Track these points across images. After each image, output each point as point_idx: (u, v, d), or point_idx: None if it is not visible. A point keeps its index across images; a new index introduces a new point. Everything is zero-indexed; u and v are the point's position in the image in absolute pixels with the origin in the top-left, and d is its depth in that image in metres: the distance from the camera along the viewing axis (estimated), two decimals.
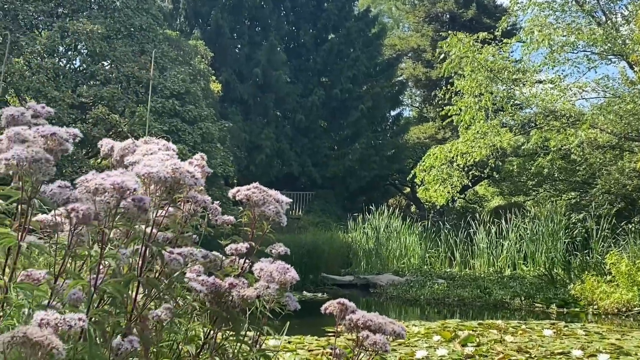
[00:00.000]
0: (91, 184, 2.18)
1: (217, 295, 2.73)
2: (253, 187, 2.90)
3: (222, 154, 22.99)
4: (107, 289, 2.30)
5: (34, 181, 2.19)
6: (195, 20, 34.88)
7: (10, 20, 22.44)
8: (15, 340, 1.77)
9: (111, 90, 21.55)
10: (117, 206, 2.21)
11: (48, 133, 2.23)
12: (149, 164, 2.39)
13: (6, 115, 2.42)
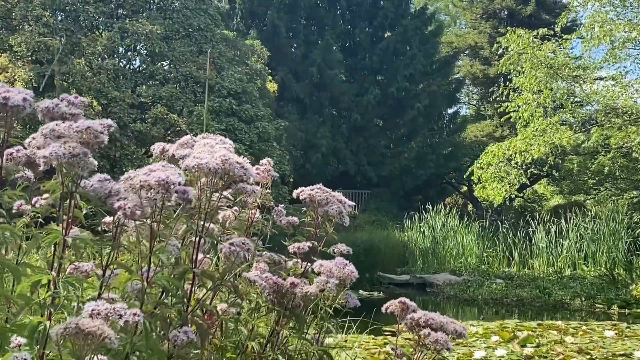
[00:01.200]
0: (135, 180, 2.22)
1: (280, 294, 2.77)
2: (316, 188, 2.94)
3: (278, 153, 23.13)
4: (160, 282, 2.34)
5: (73, 176, 2.23)
6: (252, 20, 35.13)
7: (71, 21, 22.95)
8: (68, 332, 1.81)
9: (170, 90, 21.87)
10: (163, 200, 2.24)
11: (83, 127, 2.26)
12: (199, 156, 2.42)
13: (42, 108, 2.44)
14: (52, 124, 2.27)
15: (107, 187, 2.33)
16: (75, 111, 2.43)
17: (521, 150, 20.36)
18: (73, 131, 2.24)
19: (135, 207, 2.19)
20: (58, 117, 2.35)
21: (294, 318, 2.78)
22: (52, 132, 2.25)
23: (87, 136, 2.25)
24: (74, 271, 2.34)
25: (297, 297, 2.74)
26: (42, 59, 21.23)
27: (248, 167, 2.49)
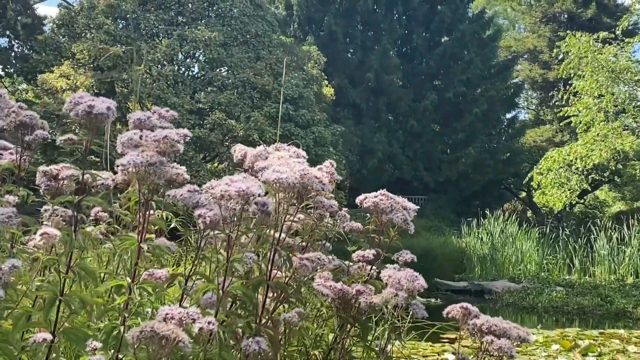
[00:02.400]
0: (216, 190, 2.24)
1: (345, 301, 2.76)
2: (380, 194, 2.92)
3: (334, 158, 22.93)
4: (236, 292, 2.35)
5: (149, 184, 2.26)
6: (309, 26, 35.27)
7: (132, 29, 23.36)
8: (144, 335, 1.84)
9: (228, 96, 22.08)
10: (242, 211, 2.26)
11: (160, 137, 2.31)
12: (278, 169, 2.44)
13: (134, 119, 2.52)
14: (129, 133, 2.31)
15: (195, 198, 2.37)
16: (166, 124, 2.50)
17: (582, 156, 19.98)
18: (150, 140, 2.29)
19: (216, 216, 2.21)
20: (149, 129, 2.41)
21: (358, 326, 2.76)
22: (130, 141, 2.30)
23: (164, 145, 2.29)
24: (148, 277, 2.37)
25: (362, 305, 2.73)
26: (103, 65, 21.65)
27: (326, 182, 2.51)
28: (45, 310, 2.32)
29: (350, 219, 3.30)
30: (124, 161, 2.21)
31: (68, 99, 2.37)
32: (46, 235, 2.26)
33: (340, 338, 2.84)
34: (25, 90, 27.10)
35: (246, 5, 24.64)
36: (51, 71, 22.12)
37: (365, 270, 3.05)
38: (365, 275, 3.03)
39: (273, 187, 2.43)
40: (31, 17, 26.31)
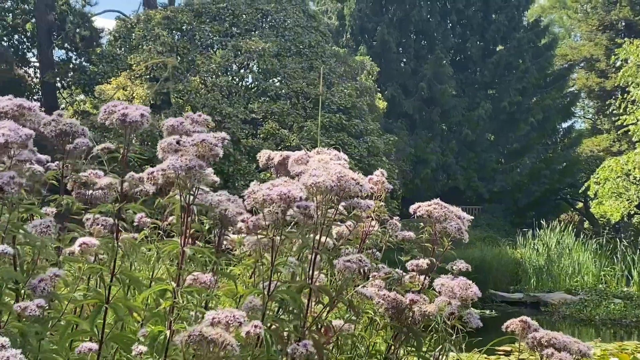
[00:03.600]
0: (258, 195, 2.25)
1: (398, 310, 2.74)
2: (434, 204, 2.89)
3: (387, 167, 23.04)
4: (281, 296, 2.35)
5: (190, 188, 2.28)
6: (362, 36, 35.32)
7: (187, 40, 23.69)
8: (192, 339, 1.85)
9: (281, 106, 22.21)
10: (284, 215, 2.26)
11: (198, 140, 2.32)
12: (315, 173, 2.43)
13: (167, 125, 2.53)
14: (169, 138, 2.34)
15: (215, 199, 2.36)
16: (199, 129, 2.51)
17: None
18: (189, 144, 2.31)
19: (258, 220, 2.23)
20: (182, 134, 2.42)
21: (412, 335, 2.74)
22: (170, 145, 2.33)
23: (202, 149, 2.31)
24: (193, 282, 2.39)
25: (416, 315, 2.70)
26: (159, 76, 21.99)
27: (363, 184, 2.49)
28: (91, 317, 2.34)
29: (403, 228, 3.28)
30: (164, 165, 2.23)
31: (102, 107, 2.41)
32: (85, 245, 2.29)
33: (394, 348, 2.82)
34: (83, 102, 27.67)
35: (300, 16, 24.80)
36: (108, 82, 22.54)
37: (418, 279, 3.02)
38: (418, 285, 3.01)
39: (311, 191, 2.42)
40: (89, 30, 26.88)
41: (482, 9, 35.95)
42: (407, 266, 3.04)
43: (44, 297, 2.16)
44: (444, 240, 2.90)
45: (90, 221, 2.53)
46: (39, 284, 2.19)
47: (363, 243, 2.78)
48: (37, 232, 2.18)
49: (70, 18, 27.56)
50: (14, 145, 2.12)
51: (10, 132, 2.10)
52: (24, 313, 2.04)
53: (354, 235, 2.70)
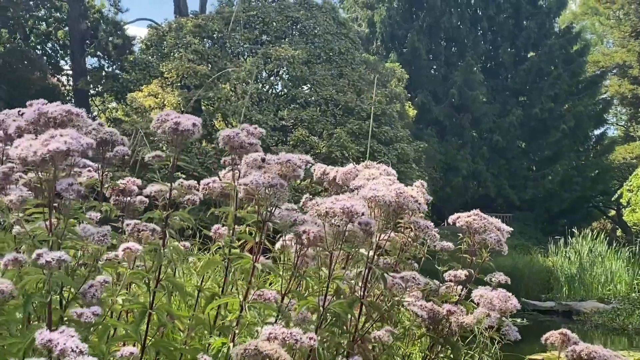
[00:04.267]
0: (322, 207, 2.27)
1: (435, 321, 2.72)
2: (474, 214, 2.87)
3: (417, 175, 22.97)
4: (334, 310, 2.35)
5: (268, 205, 2.30)
6: (392, 43, 35.29)
7: (218, 48, 23.84)
8: (247, 353, 1.87)
9: (310, 113, 22.23)
10: (345, 229, 2.27)
11: (284, 160, 2.35)
12: (375, 187, 2.44)
13: (223, 136, 2.58)
14: (254, 154, 2.39)
15: (293, 216, 2.41)
16: (253, 140, 2.56)
17: None
18: (274, 162, 2.34)
19: (320, 232, 2.24)
20: (237, 146, 2.47)
21: (449, 346, 2.72)
22: (255, 161, 2.36)
23: (286, 169, 2.35)
24: (257, 297, 2.41)
25: (453, 326, 2.69)
26: (190, 84, 22.14)
27: (422, 202, 2.50)
28: (135, 323, 2.36)
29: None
30: (247, 180, 2.27)
31: (155, 116, 2.44)
32: (128, 250, 2.31)
33: (431, 358, 2.80)
34: (115, 109, 27.94)
35: (330, 23, 24.83)
36: (140, 90, 22.73)
37: (455, 290, 3.00)
38: (455, 296, 2.99)
39: (369, 205, 2.43)
40: (121, 38, 27.16)
41: (513, 15, 35.78)
42: (444, 277, 3.02)
43: (93, 303, 2.19)
44: (482, 251, 2.88)
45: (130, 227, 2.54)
46: (89, 289, 2.23)
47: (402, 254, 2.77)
48: (94, 240, 2.21)
49: (103, 26, 27.88)
50: (75, 153, 2.15)
51: (72, 140, 2.14)
52: (79, 319, 2.06)
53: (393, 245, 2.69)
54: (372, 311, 2.52)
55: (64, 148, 2.11)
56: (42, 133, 2.21)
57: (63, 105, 2.36)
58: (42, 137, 2.18)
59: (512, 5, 35.69)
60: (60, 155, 2.12)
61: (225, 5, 25.80)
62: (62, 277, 2.15)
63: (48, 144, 2.12)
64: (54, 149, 2.09)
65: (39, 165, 2.14)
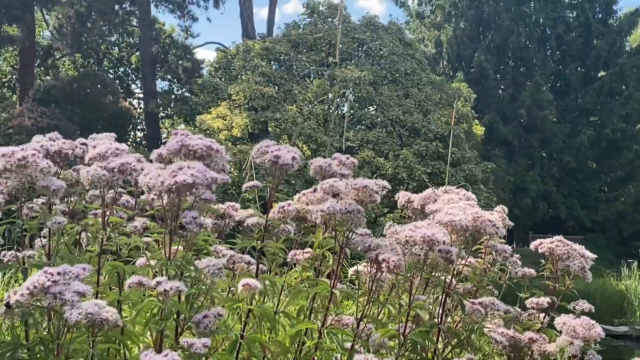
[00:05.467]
0: (401, 235, 2.25)
1: (517, 349, 2.67)
2: (557, 240, 2.82)
3: (485, 196, 22.67)
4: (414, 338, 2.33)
5: (345, 231, 2.30)
6: (459, 63, 35.07)
7: (285, 70, 24.07)
8: None
9: (377, 134, 22.20)
10: (425, 257, 2.26)
11: (360, 186, 2.35)
12: (451, 212, 2.42)
13: (315, 166, 2.62)
14: (330, 180, 2.38)
15: (367, 242, 2.40)
16: (346, 172, 2.57)
17: None
18: (350, 188, 2.35)
19: (400, 261, 2.23)
20: (329, 176, 2.48)
21: None
22: (331, 187, 2.37)
23: (362, 194, 2.35)
24: (335, 323, 2.41)
25: (535, 354, 2.63)
26: (257, 106, 22.37)
27: (499, 226, 2.47)
28: (227, 352, 2.38)
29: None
30: (324, 207, 2.27)
31: (256, 147, 2.50)
32: (247, 285, 2.33)
33: None
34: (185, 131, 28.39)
35: (396, 44, 24.84)
36: (208, 112, 23.08)
37: (537, 318, 2.94)
38: (537, 323, 2.93)
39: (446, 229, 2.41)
40: (191, 61, 27.64)
41: (583, 34, 35.20)
42: (526, 304, 2.96)
43: (206, 333, 2.22)
44: (565, 278, 2.82)
45: (227, 257, 2.59)
46: (203, 319, 2.26)
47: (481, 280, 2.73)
48: (209, 273, 2.24)
49: (173, 50, 28.43)
50: (200, 186, 2.20)
51: (198, 173, 2.19)
52: (189, 349, 2.10)
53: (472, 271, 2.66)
54: (451, 337, 2.49)
55: (190, 181, 2.17)
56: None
57: (204, 139, 2.43)
58: (171, 167, 2.25)
59: (581, 24, 35.14)
60: (186, 187, 2.18)
61: (291, 28, 26.04)
62: (178, 305, 2.21)
63: (175, 175, 2.19)
64: (181, 181, 2.16)
65: (165, 194, 2.21)
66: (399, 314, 2.36)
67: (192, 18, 29.32)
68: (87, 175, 2.43)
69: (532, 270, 3.01)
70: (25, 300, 1.95)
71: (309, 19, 26.02)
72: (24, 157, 2.40)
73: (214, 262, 2.26)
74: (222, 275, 2.27)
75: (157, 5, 28.72)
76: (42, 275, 1.95)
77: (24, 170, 2.42)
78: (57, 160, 2.73)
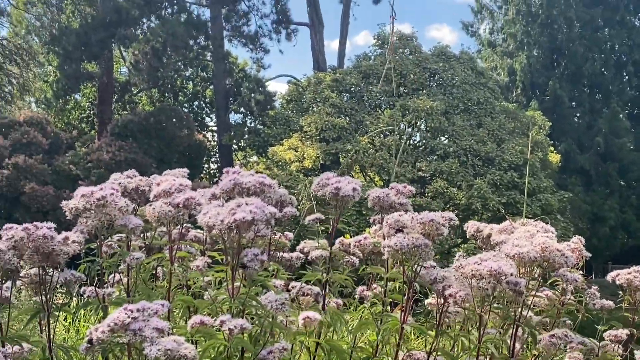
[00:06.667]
0: (467, 269, 2.22)
1: None
2: (634, 271, 2.72)
3: (562, 226, 22.17)
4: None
5: (413, 265, 2.28)
6: (532, 91, 34.63)
7: (356, 101, 24.16)
8: None
9: (449, 164, 22.03)
10: (494, 290, 2.22)
11: (427, 219, 2.33)
12: (518, 244, 2.37)
13: (373, 197, 2.62)
14: (395, 215, 2.38)
15: (432, 274, 2.38)
16: (403, 200, 2.57)
17: None
18: (417, 222, 2.34)
19: (467, 295, 2.20)
20: (387, 206, 2.49)
21: None
22: (397, 222, 2.37)
23: (429, 228, 2.34)
24: (407, 358, 2.38)
25: None
26: (329, 137, 22.48)
27: (569, 255, 2.40)
28: None
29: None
30: (391, 242, 2.28)
31: (316, 180, 2.51)
32: (308, 319, 2.33)
33: None
34: (257, 162, 28.73)
35: (468, 73, 24.69)
36: (280, 144, 23.33)
37: (615, 350, 2.83)
38: (616, 356, 2.82)
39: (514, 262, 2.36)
40: (263, 94, 27.96)
41: None
42: (604, 336, 2.86)
43: None
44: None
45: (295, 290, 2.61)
46: (268, 355, 2.26)
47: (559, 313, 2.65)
48: (272, 308, 2.25)
49: (246, 84, 28.85)
50: (259, 222, 2.23)
51: (257, 209, 2.22)
52: None
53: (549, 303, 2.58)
54: None
55: (249, 218, 2.19)
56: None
57: (256, 176, 2.47)
58: (229, 205, 2.27)
59: None
60: (245, 224, 2.20)
61: (362, 59, 26.16)
62: (243, 342, 2.22)
63: (234, 212, 2.21)
64: (240, 219, 2.18)
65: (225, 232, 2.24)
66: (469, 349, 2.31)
67: (264, 51, 29.77)
68: (153, 212, 2.48)
69: (610, 302, 2.91)
70: (106, 336, 1.98)
71: (380, 50, 26.10)
72: (103, 196, 2.47)
73: (276, 297, 2.26)
74: (286, 310, 2.26)
75: (230, 40, 29.29)
76: (122, 312, 1.98)
77: (103, 210, 2.49)
78: (135, 197, 2.80)
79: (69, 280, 2.57)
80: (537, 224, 2.69)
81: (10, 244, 2.35)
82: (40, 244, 2.38)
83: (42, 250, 2.39)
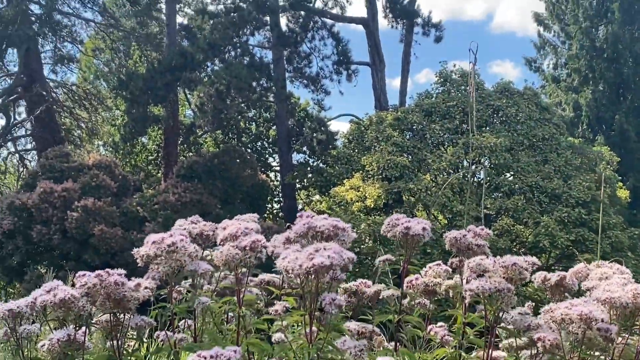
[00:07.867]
0: (557, 313, 2.19)
1: None
2: None
3: (633, 263, 21.57)
4: None
5: (495, 309, 2.25)
6: (598, 126, 34.08)
7: (418, 139, 24.09)
8: None
9: (515, 202, 21.71)
10: (583, 336, 2.16)
11: (509, 263, 2.32)
12: (609, 289, 2.31)
13: (450, 238, 2.64)
14: (477, 258, 2.36)
15: (526, 321, 2.35)
16: (481, 242, 2.56)
17: None
18: (499, 266, 2.33)
19: (556, 340, 2.17)
20: (464, 248, 2.47)
21: None
22: (479, 266, 2.35)
23: (511, 272, 2.32)
24: None
25: None
26: (391, 175, 22.42)
27: None
28: None
29: None
30: (473, 286, 2.27)
31: (386, 221, 2.51)
32: None
33: None
34: (319, 202, 28.82)
35: (532, 109, 24.42)
36: (342, 183, 23.35)
37: None
38: None
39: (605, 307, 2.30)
40: (325, 134, 28.16)
41: None
42: None
43: None
44: None
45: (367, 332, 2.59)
46: None
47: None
48: (351, 355, 2.24)
49: (308, 123, 29.12)
50: (337, 267, 2.24)
51: (335, 254, 2.23)
52: None
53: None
54: None
55: (327, 263, 2.20)
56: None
57: (329, 219, 2.49)
58: (308, 250, 2.29)
59: None
60: (324, 269, 2.20)
61: (424, 97, 26.14)
62: None
63: (313, 257, 2.22)
64: (318, 264, 2.19)
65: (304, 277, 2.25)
66: None
67: (325, 92, 29.98)
68: (221, 255, 2.50)
69: None
70: None
71: (442, 87, 26.04)
72: (173, 242, 2.50)
73: (355, 343, 2.24)
74: (365, 356, 2.24)
75: (292, 81, 29.64)
76: (195, 358, 1.98)
77: (173, 255, 2.52)
78: (199, 242, 2.83)
79: (139, 325, 2.61)
80: (612, 266, 2.61)
81: (84, 291, 2.39)
82: (112, 290, 2.42)
83: (114, 296, 2.43)
